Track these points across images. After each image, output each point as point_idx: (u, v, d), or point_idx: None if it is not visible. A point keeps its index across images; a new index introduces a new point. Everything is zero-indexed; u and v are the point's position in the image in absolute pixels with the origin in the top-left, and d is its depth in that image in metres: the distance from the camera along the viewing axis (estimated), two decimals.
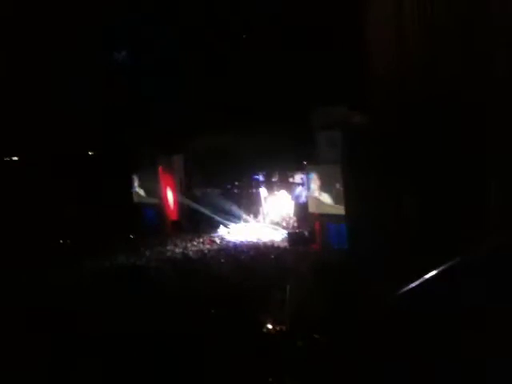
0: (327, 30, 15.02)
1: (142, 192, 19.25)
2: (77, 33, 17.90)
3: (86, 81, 18.46)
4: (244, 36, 17.75)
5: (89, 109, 18.35)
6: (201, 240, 16.53)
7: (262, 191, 17.86)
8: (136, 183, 19.30)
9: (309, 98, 14.76)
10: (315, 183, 14.94)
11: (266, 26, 16.78)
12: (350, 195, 12.42)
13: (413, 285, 4.56)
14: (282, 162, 16.90)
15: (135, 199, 19.32)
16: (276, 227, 17.29)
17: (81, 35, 18.02)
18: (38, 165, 18.77)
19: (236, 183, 18.57)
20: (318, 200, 14.84)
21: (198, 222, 18.04)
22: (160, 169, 18.57)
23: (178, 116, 17.22)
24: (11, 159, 20.36)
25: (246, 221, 18.24)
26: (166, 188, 18.73)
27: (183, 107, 17.55)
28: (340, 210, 13.89)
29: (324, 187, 14.61)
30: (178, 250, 15.35)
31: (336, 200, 14.16)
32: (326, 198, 14.60)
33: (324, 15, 14.86)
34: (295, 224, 16.92)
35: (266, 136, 15.61)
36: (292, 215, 17.24)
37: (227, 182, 18.57)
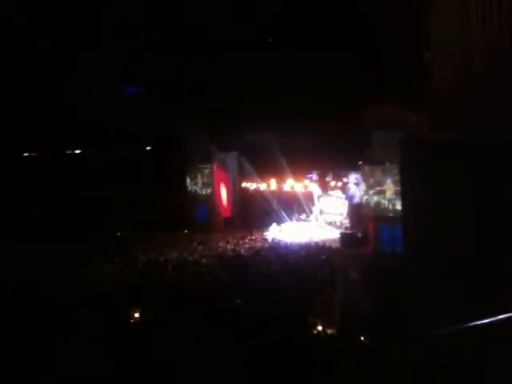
0: (386, 29, 14.70)
1: (195, 188, 19.53)
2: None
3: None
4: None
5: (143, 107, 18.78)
6: (253, 237, 16.58)
7: (316, 190, 17.67)
8: (190, 179, 19.60)
9: (361, 96, 14.41)
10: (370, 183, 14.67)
11: (328, 24, 16.56)
12: (407, 200, 11.92)
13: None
14: (335, 161, 16.60)
15: (189, 195, 19.63)
16: (329, 227, 17.13)
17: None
18: (96, 159, 19.38)
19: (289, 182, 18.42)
20: (372, 201, 14.57)
21: (251, 220, 18.10)
22: (214, 166, 18.75)
23: (232, 113, 17.25)
24: (73, 152, 21.11)
25: (298, 220, 18.15)
26: (219, 185, 18.90)
27: (238, 104, 17.60)
28: (395, 212, 13.57)
29: (379, 187, 14.32)
30: (229, 247, 15.47)
31: (391, 201, 13.88)
32: (380, 199, 14.31)
33: (385, 14, 14.54)
34: (348, 224, 16.66)
35: (320, 135, 15.48)
36: (345, 215, 16.99)
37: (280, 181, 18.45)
